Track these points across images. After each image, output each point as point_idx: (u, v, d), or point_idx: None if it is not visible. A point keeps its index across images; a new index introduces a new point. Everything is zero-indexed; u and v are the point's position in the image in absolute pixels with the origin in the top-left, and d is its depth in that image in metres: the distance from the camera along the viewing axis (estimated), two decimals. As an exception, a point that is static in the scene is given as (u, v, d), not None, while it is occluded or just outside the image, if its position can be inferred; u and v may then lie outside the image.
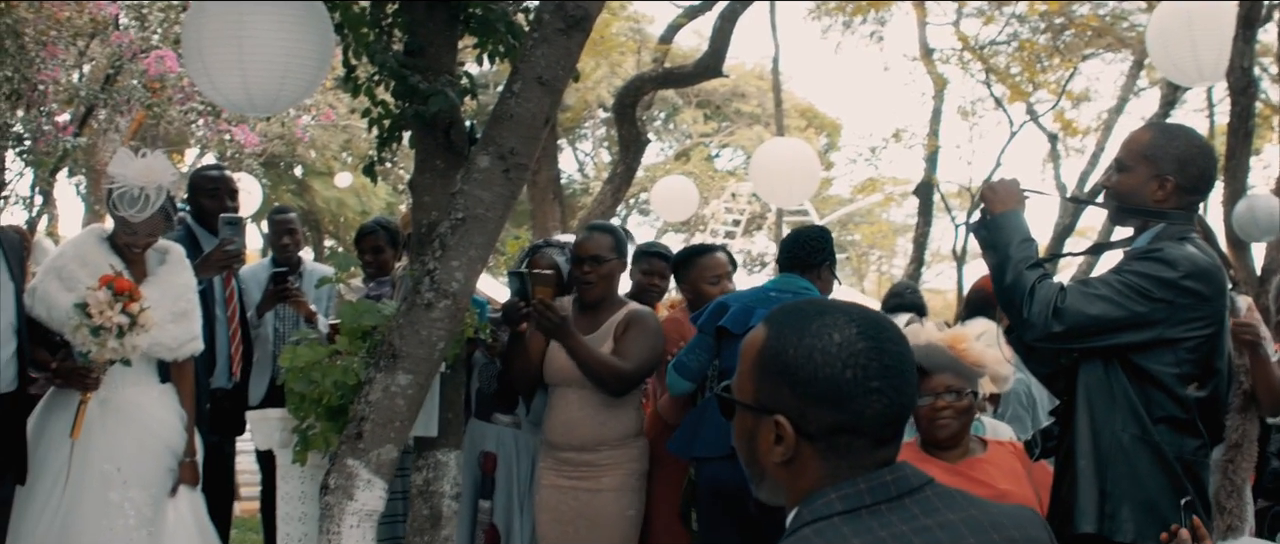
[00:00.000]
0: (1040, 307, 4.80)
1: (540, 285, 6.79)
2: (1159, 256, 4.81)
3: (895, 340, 2.54)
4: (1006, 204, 5.09)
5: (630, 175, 17.14)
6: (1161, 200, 4.98)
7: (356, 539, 5.91)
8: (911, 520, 2.46)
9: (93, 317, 6.18)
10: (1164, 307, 4.76)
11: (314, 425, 6.34)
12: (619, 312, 7.17)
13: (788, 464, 2.54)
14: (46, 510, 6.47)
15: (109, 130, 20.40)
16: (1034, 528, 2.62)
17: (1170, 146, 5.00)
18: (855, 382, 2.46)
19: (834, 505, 2.47)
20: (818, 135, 47.04)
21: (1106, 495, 4.85)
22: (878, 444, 2.52)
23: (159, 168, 6.63)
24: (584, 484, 6.93)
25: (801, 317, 2.55)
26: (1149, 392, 4.84)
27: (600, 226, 7.41)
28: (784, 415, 2.51)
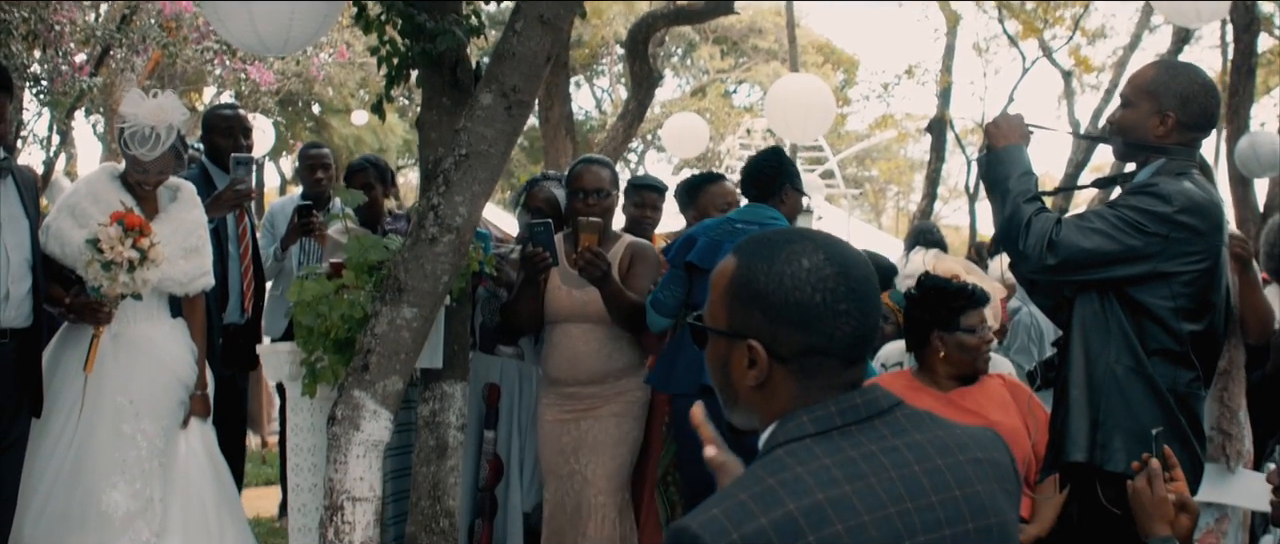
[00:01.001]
0: (1035, 239, 4.84)
1: (587, 232, 6.70)
2: (1154, 191, 4.85)
3: (860, 265, 2.63)
4: (1009, 139, 5.12)
5: (642, 112, 17.18)
6: (1163, 136, 5.01)
7: (363, 469, 6.03)
8: (880, 440, 2.56)
9: (104, 252, 6.26)
10: (1158, 240, 4.79)
11: (322, 358, 6.44)
12: (619, 244, 7.20)
13: (761, 387, 2.63)
14: (61, 442, 6.57)
15: (125, 70, 20.45)
16: (996, 450, 2.72)
17: (1173, 83, 5.03)
18: (824, 304, 2.56)
19: (805, 426, 2.56)
20: (835, 71, 46.90)
21: (1098, 425, 4.90)
22: (847, 364, 2.61)
23: (170, 108, 6.69)
24: (588, 416, 6.97)
25: (771, 245, 2.64)
26: (1144, 324, 4.88)
27: (598, 160, 7.40)
28: (756, 339, 2.60)
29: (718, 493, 2.53)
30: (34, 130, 19.60)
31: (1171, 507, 3.97)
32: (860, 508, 2.45)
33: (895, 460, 2.55)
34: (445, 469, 6.58)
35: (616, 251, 7.12)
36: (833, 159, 31.51)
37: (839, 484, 2.46)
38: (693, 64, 48.61)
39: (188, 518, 6.75)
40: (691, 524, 2.43)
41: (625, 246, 7.20)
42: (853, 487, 2.47)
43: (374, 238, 6.78)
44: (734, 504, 2.43)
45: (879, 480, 2.50)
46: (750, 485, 2.47)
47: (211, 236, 7.65)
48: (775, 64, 43.39)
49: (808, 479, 2.46)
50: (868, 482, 2.49)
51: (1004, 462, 2.72)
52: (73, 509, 6.50)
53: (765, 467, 2.52)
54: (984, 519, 2.59)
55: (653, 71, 16.91)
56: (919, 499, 2.52)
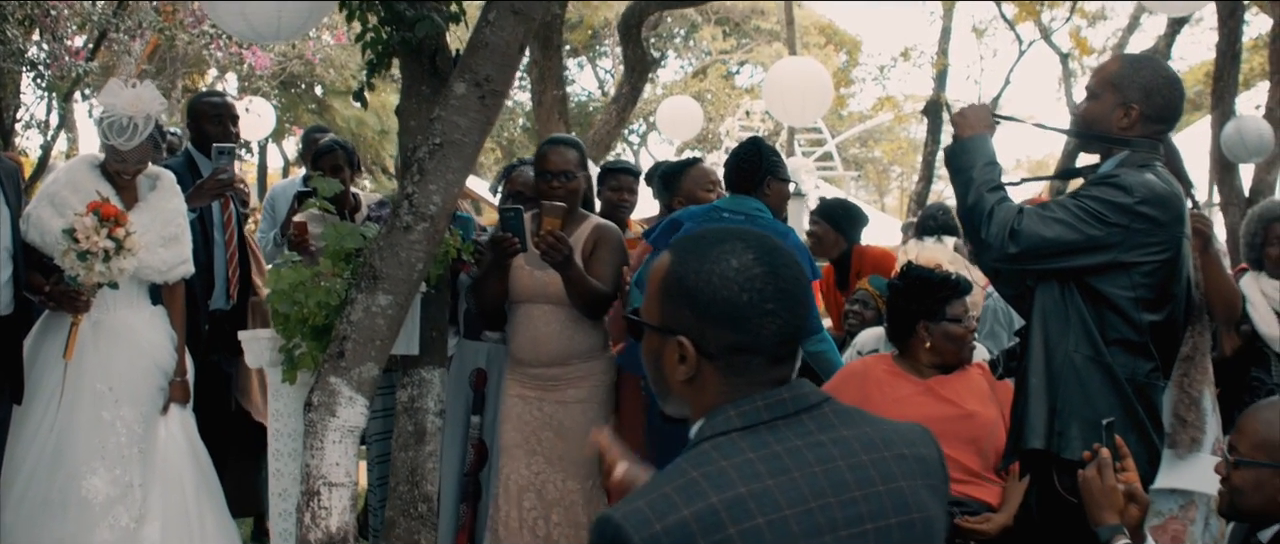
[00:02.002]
0: (997, 228, 4.88)
1: (549, 216, 6.63)
2: (1116, 182, 4.88)
3: (789, 265, 2.69)
4: (975, 128, 5.16)
5: (636, 96, 17.20)
6: (1126, 128, 5.05)
7: (339, 455, 6.08)
8: (806, 436, 2.63)
9: (80, 241, 6.29)
10: (1119, 231, 4.83)
11: (300, 345, 6.50)
12: (584, 226, 7.11)
13: (691, 382, 2.70)
14: (41, 429, 6.63)
15: (124, 55, 20.50)
16: (924, 446, 2.78)
17: (1136, 76, 5.07)
18: (751, 304, 2.62)
19: (732, 421, 2.63)
20: (837, 52, 46.89)
21: (1056, 413, 4.94)
22: (774, 362, 2.68)
23: (147, 98, 6.72)
24: (551, 396, 6.91)
25: (703, 243, 2.71)
26: (1104, 314, 4.92)
27: (565, 140, 7.30)
28: (686, 336, 2.67)
29: (644, 484, 2.60)
30: (33, 115, 19.63)
31: (1121, 496, 4.02)
32: (782, 502, 2.51)
33: (820, 455, 2.61)
34: (423, 454, 6.62)
35: (581, 234, 7.04)
36: (832, 141, 31.53)
37: (761, 478, 2.53)
38: (695, 45, 48.58)
39: (167, 503, 6.79)
40: (615, 515, 2.49)
41: (590, 229, 7.10)
42: (775, 481, 2.53)
43: (351, 226, 6.80)
44: (658, 496, 2.50)
45: (802, 475, 2.56)
46: (675, 478, 2.54)
47: (196, 223, 7.72)
48: (778, 45, 43.32)
49: (731, 473, 2.53)
50: (791, 476, 2.55)
51: (931, 457, 2.78)
52: (53, 495, 6.55)
53: (690, 460, 2.59)
54: (906, 514, 2.65)
55: (646, 56, 16.94)
56: (842, 494, 2.58)
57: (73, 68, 16.83)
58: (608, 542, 2.48)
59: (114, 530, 6.58)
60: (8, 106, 18.52)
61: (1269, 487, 4.15)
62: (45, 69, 16.62)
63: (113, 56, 20.19)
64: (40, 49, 16.87)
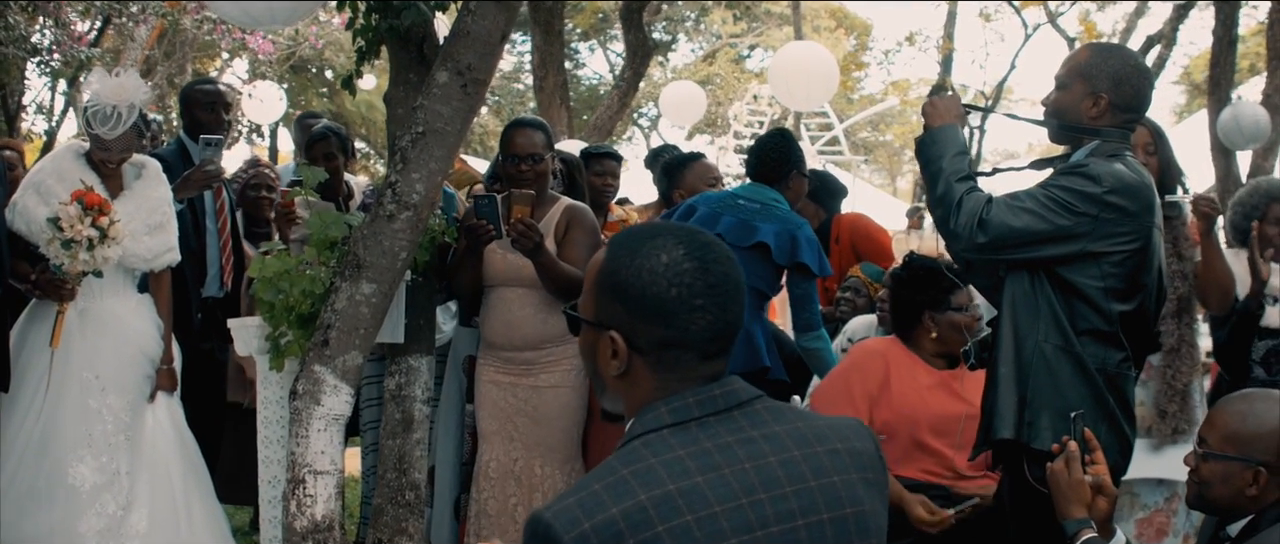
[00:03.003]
0: (966, 218, 4.88)
1: (519, 203, 6.53)
2: (1084, 172, 4.87)
3: (721, 261, 2.71)
4: (945, 119, 5.15)
5: (638, 80, 17.23)
6: (1095, 118, 5.05)
7: (324, 443, 6.11)
8: (737, 432, 2.65)
9: (64, 230, 6.32)
10: (1088, 220, 4.82)
11: (286, 333, 6.52)
12: (554, 208, 7.01)
13: (623, 376, 2.73)
14: (29, 417, 6.66)
15: (129, 40, 20.55)
16: (859, 439, 2.79)
17: (1105, 65, 5.07)
18: (680, 299, 2.64)
19: (664, 418, 2.65)
20: (847, 36, 46.86)
21: (1026, 403, 4.94)
22: (705, 358, 2.70)
23: (131, 87, 6.74)
24: (525, 381, 6.85)
25: (636, 239, 2.73)
26: (1074, 304, 4.92)
27: (531, 122, 7.15)
28: (617, 331, 2.70)
29: (577, 482, 2.62)
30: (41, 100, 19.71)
31: (1088, 489, 4.03)
32: (711, 499, 2.53)
33: (751, 452, 2.63)
34: (411, 442, 6.64)
35: (552, 216, 6.95)
36: (839, 126, 31.49)
37: (691, 475, 2.55)
38: (706, 29, 48.55)
39: (154, 491, 6.83)
40: (545, 514, 2.52)
41: (562, 211, 7.00)
42: (705, 477, 2.55)
43: (336, 214, 6.80)
44: (587, 495, 2.53)
45: (732, 471, 2.58)
46: (605, 476, 2.57)
47: (188, 212, 7.74)
48: (788, 29, 43.29)
49: (660, 470, 2.55)
50: (721, 473, 2.57)
51: (866, 451, 2.79)
52: (40, 483, 6.59)
53: (621, 457, 2.62)
54: (839, 509, 2.66)
55: (647, 41, 16.95)
56: (772, 490, 2.60)
57: (77, 53, 16.88)
58: (539, 540, 2.51)
59: (101, 518, 6.61)
60: (12, 92, 18.60)
61: (1237, 480, 4.16)
62: (50, 55, 16.68)
63: (119, 41, 20.23)
64: (44, 35, 16.91)
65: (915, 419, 6.16)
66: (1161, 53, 24.36)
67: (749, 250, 7.14)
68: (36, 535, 6.54)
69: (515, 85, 47.04)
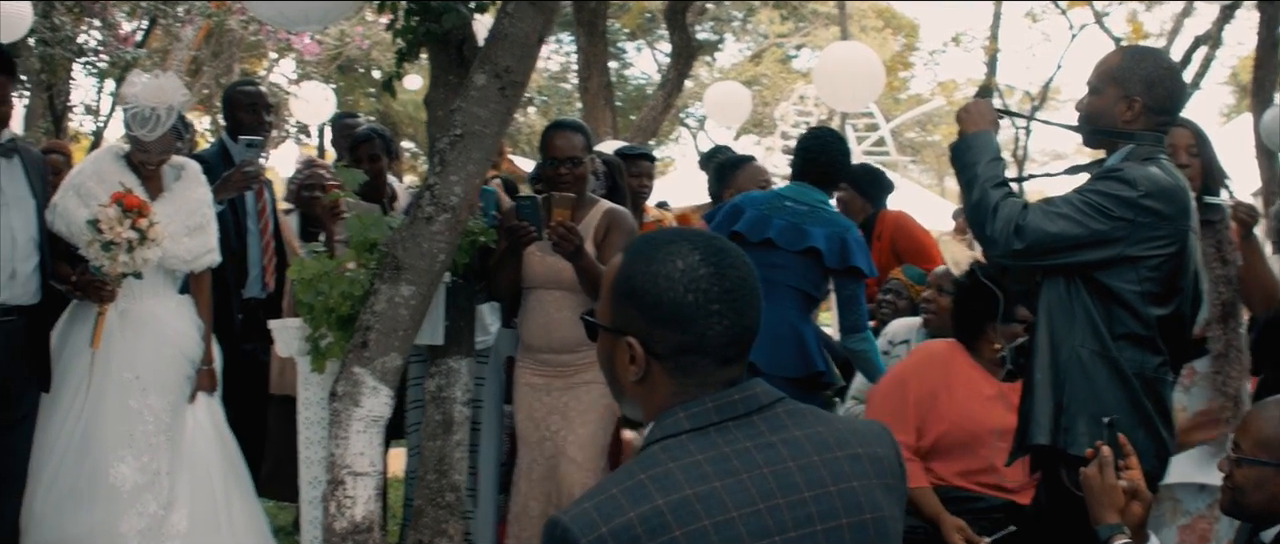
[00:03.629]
0: (1002, 224, 4.87)
1: (560, 206, 6.51)
2: (1119, 176, 4.86)
3: (737, 266, 2.70)
4: (978, 124, 5.16)
5: (681, 82, 17.20)
6: (1130, 121, 5.02)
7: (363, 444, 6.12)
8: (757, 437, 2.64)
9: (103, 232, 6.34)
10: (1124, 225, 4.81)
11: (325, 335, 6.54)
12: (594, 211, 6.97)
13: (642, 382, 2.72)
14: (69, 417, 6.70)
15: (175, 41, 20.66)
16: (880, 445, 2.78)
17: (1138, 68, 5.05)
18: (696, 304, 2.64)
19: (682, 423, 2.65)
20: (894, 36, 46.73)
21: (1063, 408, 4.93)
22: (722, 363, 2.69)
23: (170, 88, 6.78)
24: (560, 382, 6.82)
25: (653, 245, 2.72)
26: (1111, 308, 4.90)
27: (570, 124, 7.09)
28: (635, 337, 2.70)
29: (595, 486, 2.62)
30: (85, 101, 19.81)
31: (1122, 494, 4.00)
32: (729, 503, 2.53)
33: (769, 456, 2.62)
34: (451, 444, 6.66)
35: (592, 219, 6.91)
36: (885, 126, 31.39)
37: (709, 480, 2.54)
38: (753, 29, 48.45)
39: (195, 491, 6.87)
40: (563, 518, 2.53)
41: (602, 214, 6.96)
42: (723, 482, 2.55)
43: (375, 216, 6.81)
44: (605, 498, 2.53)
45: (751, 476, 2.58)
46: (623, 480, 2.57)
47: (229, 213, 7.78)
48: (836, 29, 43.17)
49: (678, 475, 2.55)
50: (739, 478, 2.57)
51: (887, 457, 2.78)
52: (81, 483, 6.63)
53: (640, 462, 2.61)
54: (858, 515, 2.65)
55: (691, 41, 16.92)
56: (791, 495, 2.59)
57: (124, 53, 16.96)
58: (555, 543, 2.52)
59: (142, 518, 6.65)
60: (60, 92, 18.70)
61: (1271, 485, 4.13)
62: (96, 55, 16.76)
63: (166, 42, 20.33)
64: (91, 35, 16.99)
65: (969, 428, 6.16)
66: (1208, 54, 24.23)
67: (800, 254, 7.13)
68: (77, 535, 6.58)
69: (562, 86, 47.03)
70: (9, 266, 6.46)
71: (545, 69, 46.00)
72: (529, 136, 41.28)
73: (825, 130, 7.81)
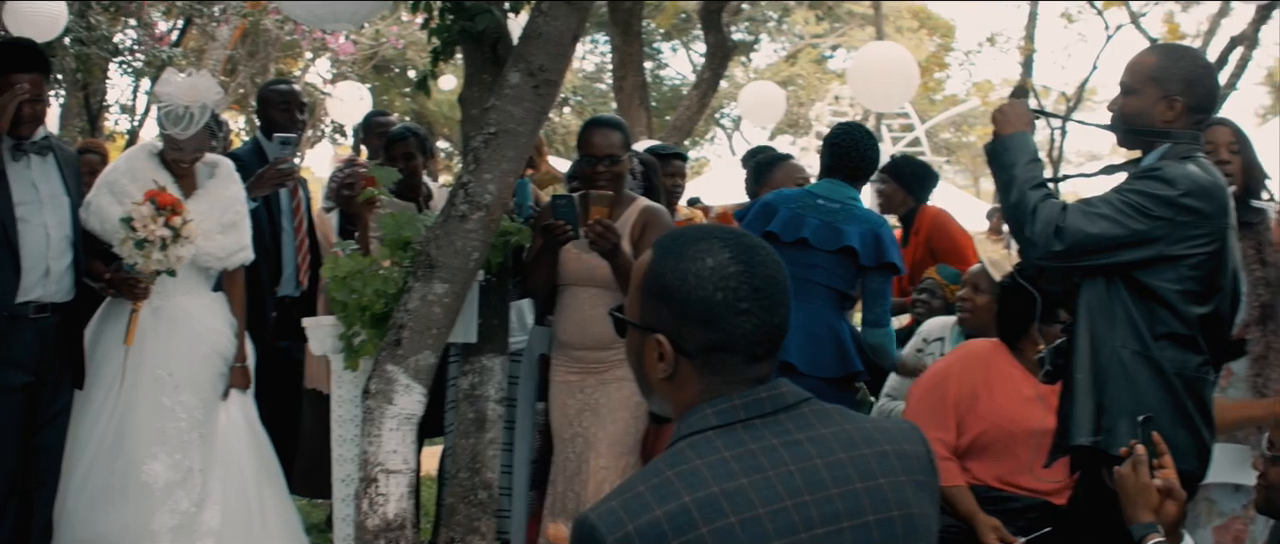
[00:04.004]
0: (1042, 225, 4.86)
1: (597, 204, 6.47)
2: (1158, 175, 4.85)
3: (767, 264, 2.69)
4: (1015, 125, 5.14)
5: (717, 81, 17.19)
6: (1170, 121, 5.00)
7: (396, 442, 6.13)
8: (783, 435, 2.64)
9: (137, 230, 6.35)
10: (1164, 224, 4.79)
11: (359, 333, 6.54)
12: (631, 209, 6.92)
13: (670, 379, 2.72)
14: (103, 414, 6.71)
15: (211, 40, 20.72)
16: (909, 442, 2.77)
17: (1177, 67, 5.03)
18: (725, 303, 2.63)
19: (709, 420, 2.64)
20: (930, 36, 46.68)
21: (1104, 409, 4.91)
22: (751, 361, 2.68)
23: (203, 87, 6.79)
24: (593, 379, 6.80)
25: (682, 242, 2.72)
26: (1151, 308, 4.88)
27: (609, 121, 7.06)
28: (664, 334, 2.69)
29: (621, 483, 2.63)
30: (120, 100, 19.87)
31: (1156, 493, 3.98)
32: (755, 500, 2.52)
33: (796, 454, 2.62)
34: (484, 442, 6.65)
35: (629, 217, 6.86)
36: (921, 127, 31.38)
37: (735, 477, 2.54)
38: (788, 29, 48.46)
39: (227, 488, 6.87)
40: (590, 515, 2.53)
41: (639, 212, 6.91)
42: (749, 479, 2.54)
43: (409, 214, 6.82)
44: (632, 496, 2.53)
45: (777, 473, 2.57)
46: (650, 477, 2.57)
47: (264, 211, 7.79)
48: (871, 30, 43.17)
49: (704, 472, 2.54)
50: (765, 475, 2.56)
51: (917, 454, 2.77)
52: (114, 480, 6.64)
53: (667, 459, 2.61)
54: (886, 512, 2.64)
55: (727, 41, 16.92)
56: (817, 492, 2.58)
57: (160, 53, 17.01)
58: (583, 540, 2.52)
59: (174, 515, 6.65)
60: (96, 92, 18.76)
61: None
62: (132, 55, 16.81)
63: (201, 42, 20.39)
64: (127, 35, 17.05)
65: (1007, 428, 6.14)
66: (1244, 54, 24.13)
67: (835, 253, 7.12)
68: (110, 532, 6.59)
69: (597, 86, 47.12)
70: (43, 264, 6.49)
71: (580, 69, 46.14)
72: (564, 137, 41.34)
73: (854, 126, 7.78)
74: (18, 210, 6.43)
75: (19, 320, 6.45)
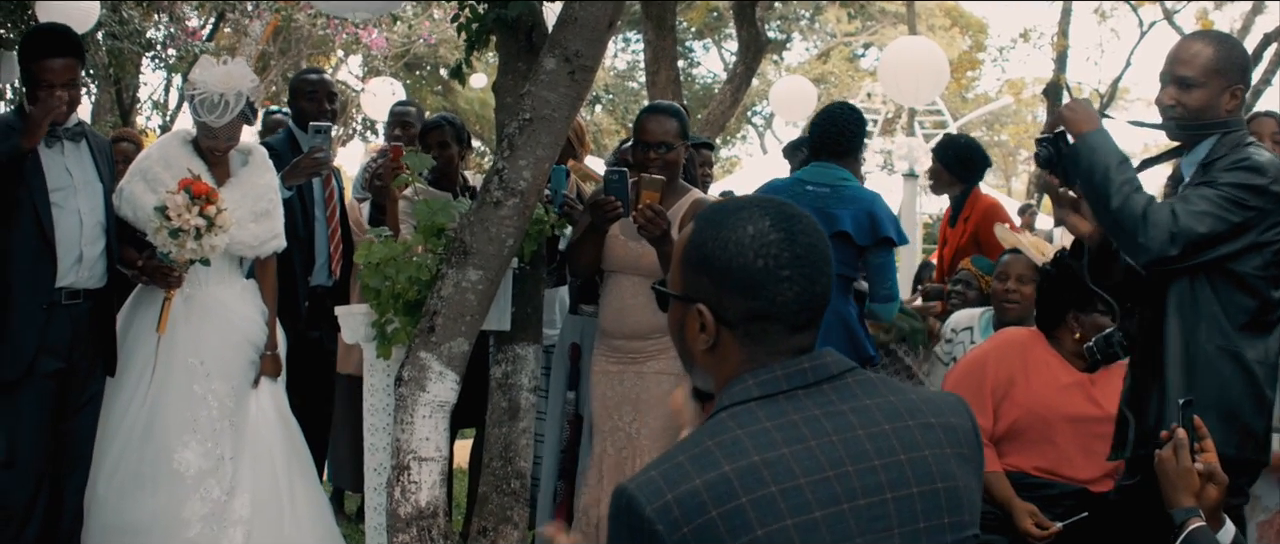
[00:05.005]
0: (1156, 231, 4.83)
1: (648, 189, 6.37)
2: (1247, 164, 4.88)
3: (807, 232, 2.68)
4: (1089, 123, 5.10)
5: (749, 76, 17.11)
6: (1232, 110, 5.05)
7: (429, 429, 6.11)
8: (826, 405, 2.62)
9: (171, 219, 6.34)
10: (1257, 213, 4.85)
11: (392, 320, 6.53)
12: (683, 199, 6.85)
13: (712, 350, 2.70)
14: (134, 402, 6.72)
15: (243, 35, 20.76)
16: (954, 414, 2.75)
17: (1234, 56, 5.08)
18: (766, 270, 2.61)
19: (751, 390, 2.62)
20: (962, 35, 46.62)
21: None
22: (793, 330, 2.66)
23: (238, 75, 6.77)
24: (632, 368, 6.73)
25: (722, 212, 2.71)
26: (1233, 298, 4.93)
27: (666, 108, 6.97)
28: (705, 304, 2.67)
29: (662, 455, 2.61)
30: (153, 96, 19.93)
31: (1197, 477, 3.95)
32: (797, 470, 2.50)
33: (839, 424, 2.60)
34: (517, 430, 6.64)
35: (680, 207, 6.76)
36: (954, 125, 31.35)
37: (777, 446, 2.52)
38: (820, 27, 48.44)
39: (257, 476, 6.86)
40: (629, 486, 2.52)
41: (689, 202, 6.83)
42: (791, 449, 2.53)
43: (442, 201, 6.80)
44: (671, 466, 2.52)
45: (819, 444, 2.55)
46: (690, 448, 2.56)
47: (297, 199, 7.78)
48: (903, 28, 43.11)
49: (745, 441, 2.53)
50: (807, 445, 2.54)
51: (962, 426, 2.76)
52: (145, 467, 6.64)
53: (707, 429, 2.60)
54: (930, 484, 2.62)
55: (761, 36, 16.86)
56: (860, 463, 2.56)
57: (192, 48, 17.05)
58: (621, 512, 2.52)
59: (205, 503, 6.65)
60: (128, 87, 18.80)
61: None
62: (164, 50, 16.85)
63: (234, 38, 20.43)
64: (160, 29, 17.08)
65: (1043, 415, 6.09)
66: (1279, 50, 24.09)
67: (831, 239, 7.07)
68: (140, 520, 6.60)
69: (629, 84, 47.15)
70: (76, 250, 6.51)
71: (612, 67, 46.16)
72: (595, 135, 41.35)
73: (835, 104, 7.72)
74: (52, 196, 6.46)
75: (52, 307, 6.48)
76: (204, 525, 6.64)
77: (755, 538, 2.43)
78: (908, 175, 21.73)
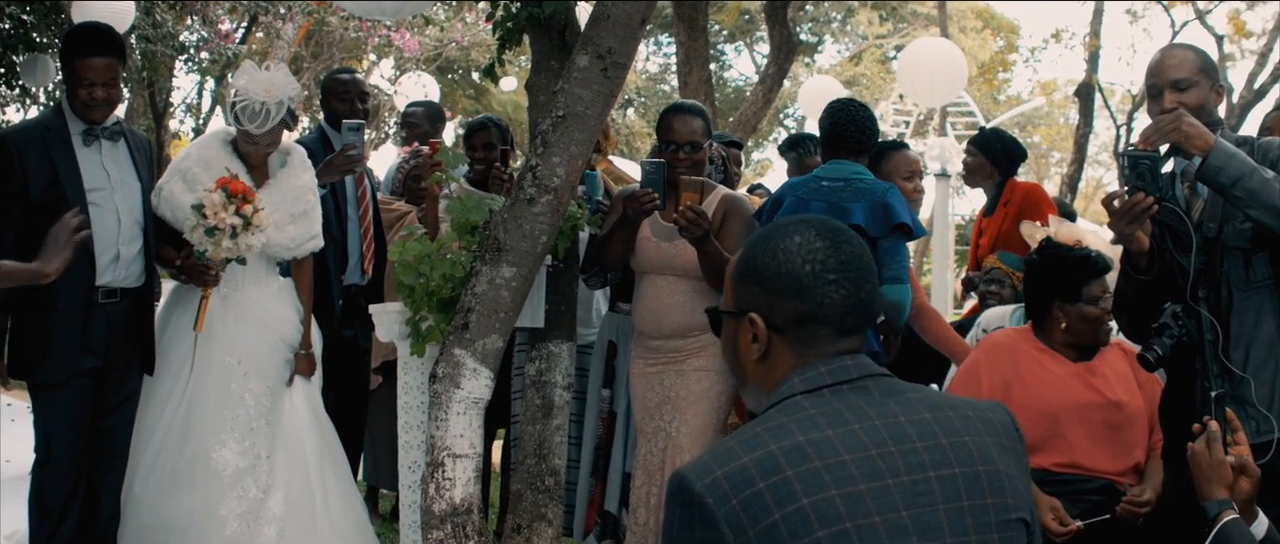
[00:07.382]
0: None
1: (688, 191, 6.40)
2: None
3: (851, 243, 2.84)
4: (1209, 137, 5.06)
5: (781, 77, 17.12)
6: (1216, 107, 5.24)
7: (463, 426, 6.14)
8: (868, 397, 2.74)
9: (208, 217, 6.37)
10: None
11: (426, 318, 6.55)
12: (713, 197, 6.83)
13: (763, 359, 2.83)
14: (171, 400, 6.76)
15: (276, 39, 20.81)
16: (994, 412, 2.87)
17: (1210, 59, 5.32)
18: (814, 274, 2.76)
19: (796, 387, 2.75)
20: (994, 36, 46.52)
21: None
22: (840, 334, 2.79)
23: (281, 83, 6.78)
24: (671, 367, 6.71)
25: (770, 229, 2.89)
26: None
27: (690, 107, 6.99)
28: (756, 312, 2.81)
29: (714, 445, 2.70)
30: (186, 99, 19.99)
31: (1229, 470, 3.96)
32: (840, 448, 2.62)
33: (881, 411, 2.71)
34: (551, 428, 6.67)
35: (710, 205, 6.74)
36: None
37: (821, 428, 2.65)
38: (852, 30, 48.37)
39: (291, 474, 6.90)
40: (683, 468, 2.66)
41: (720, 201, 6.85)
42: (835, 430, 2.65)
43: (477, 198, 6.81)
44: (722, 449, 2.66)
45: (862, 427, 2.67)
46: (740, 435, 2.69)
47: (330, 199, 7.79)
48: (935, 30, 43.04)
49: (791, 425, 2.66)
50: (851, 427, 2.66)
51: (1002, 421, 2.86)
52: (182, 466, 6.68)
53: (757, 422, 2.73)
54: (971, 466, 2.71)
55: (793, 37, 16.87)
56: (903, 444, 2.67)
57: (225, 51, 17.10)
58: (675, 492, 2.64)
59: (242, 501, 6.69)
60: (161, 90, 18.87)
61: None
62: (197, 53, 16.90)
63: (266, 41, 20.49)
64: (192, 33, 17.14)
65: (1046, 410, 6.05)
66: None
67: None
68: (177, 518, 6.64)
69: (661, 87, 47.13)
70: (114, 249, 6.56)
71: (644, 70, 46.14)
72: (628, 138, 41.36)
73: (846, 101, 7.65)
74: (89, 196, 6.50)
75: (89, 305, 6.53)
76: (240, 524, 6.68)
77: (801, 507, 2.53)
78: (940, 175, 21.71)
